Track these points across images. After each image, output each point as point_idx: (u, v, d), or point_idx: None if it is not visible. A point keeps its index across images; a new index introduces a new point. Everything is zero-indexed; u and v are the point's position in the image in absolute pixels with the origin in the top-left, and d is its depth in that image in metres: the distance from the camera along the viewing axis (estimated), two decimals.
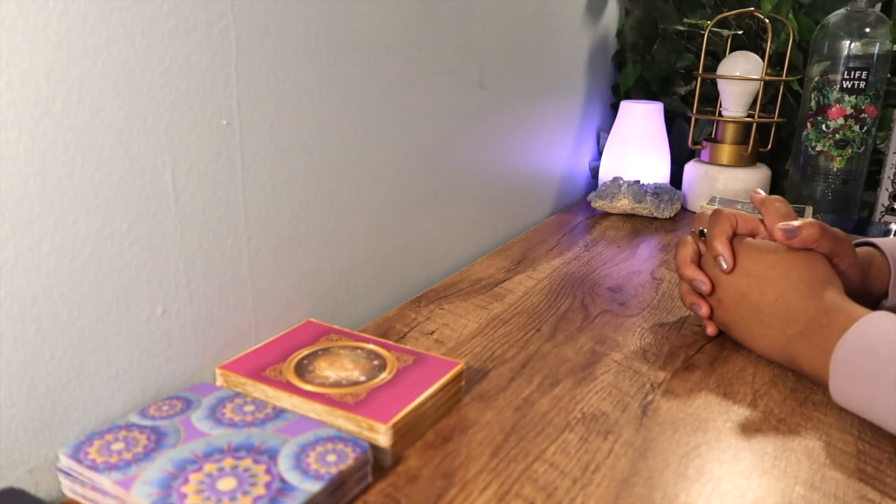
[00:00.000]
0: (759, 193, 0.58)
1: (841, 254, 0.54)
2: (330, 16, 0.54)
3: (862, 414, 0.45)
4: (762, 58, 0.95)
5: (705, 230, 0.59)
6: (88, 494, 0.37)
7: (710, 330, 0.59)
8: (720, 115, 1.00)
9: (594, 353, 0.56)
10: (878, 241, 0.60)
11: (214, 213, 0.47)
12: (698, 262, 0.59)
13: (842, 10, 0.90)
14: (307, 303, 0.57)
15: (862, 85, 0.89)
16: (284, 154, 0.52)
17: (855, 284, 0.56)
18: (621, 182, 0.98)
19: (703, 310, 0.58)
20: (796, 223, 0.53)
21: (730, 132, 0.99)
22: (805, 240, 0.53)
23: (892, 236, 0.76)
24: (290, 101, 0.51)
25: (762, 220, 0.57)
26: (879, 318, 0.46)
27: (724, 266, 0.55)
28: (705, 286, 0.57)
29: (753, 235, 0.57)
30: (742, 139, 0.99)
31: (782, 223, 0.54)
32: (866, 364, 0.44)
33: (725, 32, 1.02)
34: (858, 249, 0.58)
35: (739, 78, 0.94)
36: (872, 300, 0.59)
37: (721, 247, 0.55)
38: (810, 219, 0.54)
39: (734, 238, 0.56)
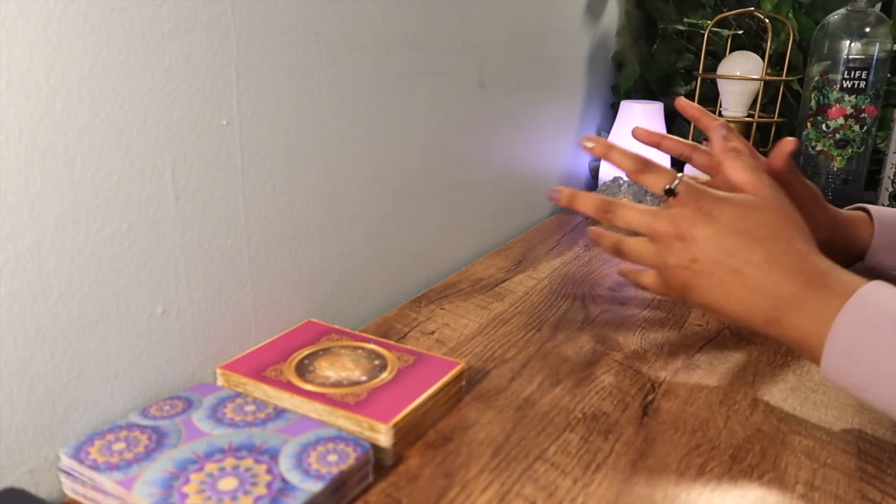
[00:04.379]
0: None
1: (811, 204, 0.55)
2: (330, 16, 0.54)
3: (854, 391, 0.42)
4: (762, 58, 0.95)
5: (673, 187, 0.52)
6: (89, 494, 0.37)
7: (647, 280, 0.56)
8: (720, 114, 1.00)
9: (594, 353, 0.56)
10: (870, 206, 0.61)
11: (214, 213, 0.47)
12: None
13: (842, 10, 0.90)
14: (307, 303, 0.57)
15: (862, 85, 0.89)
16: (284, 154, 0.52)
17: (822, 240, 0.53)
18: (621, 182, 0.98)
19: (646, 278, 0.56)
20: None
21: None
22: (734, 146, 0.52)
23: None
24: (290, 101, 0.51)
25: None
26: (881, 289, 0.43)
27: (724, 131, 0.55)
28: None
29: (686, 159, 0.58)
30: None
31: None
32: (869, 340, 0.41)
33: (725, 32, 1.02)
34: (848, 210, 0.58)
35: (739, 78, 0.94)
36: (844, 258, 0.59)
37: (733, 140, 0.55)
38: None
39: (712, 193, 0.51)
